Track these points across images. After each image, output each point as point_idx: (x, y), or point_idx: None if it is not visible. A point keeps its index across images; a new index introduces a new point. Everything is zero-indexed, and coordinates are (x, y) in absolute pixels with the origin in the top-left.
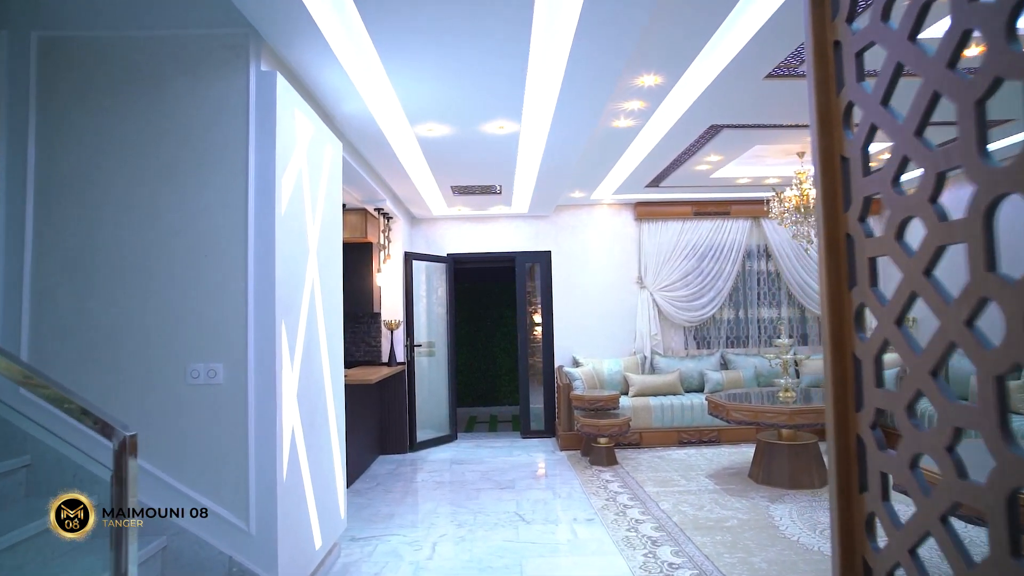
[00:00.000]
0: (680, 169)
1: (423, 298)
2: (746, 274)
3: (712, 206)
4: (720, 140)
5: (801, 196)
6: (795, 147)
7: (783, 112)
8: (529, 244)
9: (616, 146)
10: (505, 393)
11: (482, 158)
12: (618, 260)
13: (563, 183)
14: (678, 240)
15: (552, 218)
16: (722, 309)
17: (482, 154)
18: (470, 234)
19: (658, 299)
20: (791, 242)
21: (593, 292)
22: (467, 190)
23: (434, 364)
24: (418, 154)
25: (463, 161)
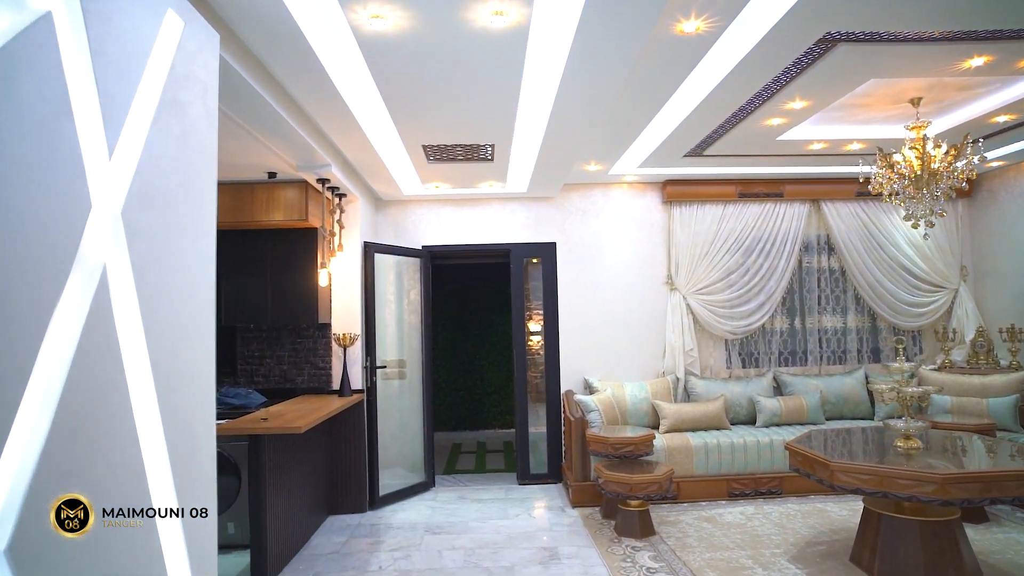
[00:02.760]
0: (740, 127)
1: (390, 303)
2: (803, 273)
3: (760, 185)
4: (821, 70)
5: (919, 160)
6: (910, 90)
7: (945, 9)
8: (528, 234)
9: (672, 73)
10: (495, 415)
11: (466, 84)
12: (642, 254)
13: (583, 142)
14: (718, 229)
15: (558, 201)
16: (773, 318)
17: (466, 75)
18: (452, 221)
19: (693, 304)
20: (859, 230)
21: (610, 295)
22: (446, 153)
23: (405, 390)
24: (363, 73)
25: (437, 89)
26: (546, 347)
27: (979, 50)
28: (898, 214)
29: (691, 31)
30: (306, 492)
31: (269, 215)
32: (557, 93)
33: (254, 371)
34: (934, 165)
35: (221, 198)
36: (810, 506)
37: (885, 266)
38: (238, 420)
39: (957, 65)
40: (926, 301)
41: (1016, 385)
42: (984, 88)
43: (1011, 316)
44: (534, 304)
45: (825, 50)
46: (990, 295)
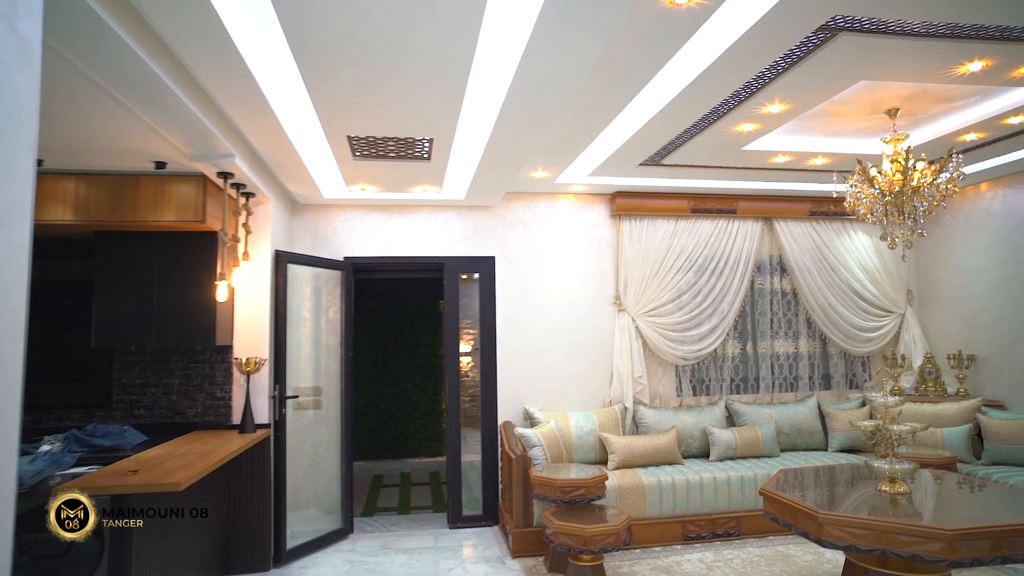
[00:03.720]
0: (707, 132)
1: (306, 321)
2: (755, 295)
3: (714, 200)
4: (813, 65)
5: (901, 175)
6: (890, 99)
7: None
8: (465, 247)
9: (647, 60)
10: (421, 442)
11: (407, 60)
12: (589, 272)
13: (536, 142)
14: (670, 246)
15: (498, 211)
16: (725, 342)
17: (407, 49)
18: (380, 229)
19: (643, 327)
20: (811, 251)
21: (554, 316)
22: (376, 148)
23: (321, 421)
24: (277, 37)
25: (370, 65)
26: (483, 373)
27: (981, 52)
28: (853, 235)
29: (681, 2)
30: (191, 551)
31: (157, 214)
32: (513, 78)
33: (135, 403)
34: (915, 180)
35: (96, 191)
36: (772, 550)
37: (837, 289)
38: (97, 474)
39: (953, 70)
40: (875, 326)
41: (968, 414)
42: (963, 101)
43: (956, 342)
44: (469, 324)
45: (824, 40)
46: (935, 320)
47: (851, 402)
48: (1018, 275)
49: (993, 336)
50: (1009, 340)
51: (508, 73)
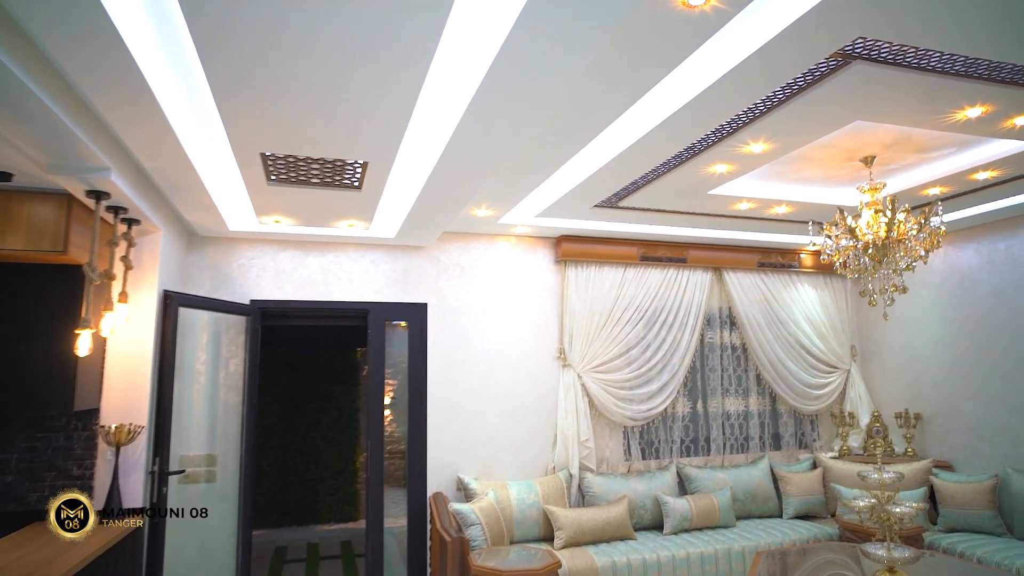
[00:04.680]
0: (677, 172)
1: (200, 376)
2: (706, 349)
3: (664, 248)
4: (814, 98)
5: (886, 225)
6: (870, 146)
7: (991, 36)
8: (394, 291)
9: (631, 85)
10: (331, 506)
11: (345, 62)
12: (531, 322)
13: (488, 175)
14: (618, 295)
15: (433, 253)
16: (675, 401)
17: (348, 48)
18: (296, 269)
19: (590, 384)
20: (760, 304)
21: (492, 371)
22: (297, 171)
23: (214, 497)
24: (175, 16)
25: (295, 64)
26: (411, 435)
27: (985, 95)
28: (799, 288)
29: (696, 4)
30: None
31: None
32: (473, 98)
33: None
34: (899, 231)
35: None
36: None
37: (786, 344)
38: None
39: (951, 115)
40: (823, 382)
41: (922, 476)
42: (938, 152)
43: (901, 399)
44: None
45: (835, 68)
46: (879, 377)
47: (802, 463)
48: (961, 333)
49: (938, 395)
50: (954, 399)
51: (468, 91)
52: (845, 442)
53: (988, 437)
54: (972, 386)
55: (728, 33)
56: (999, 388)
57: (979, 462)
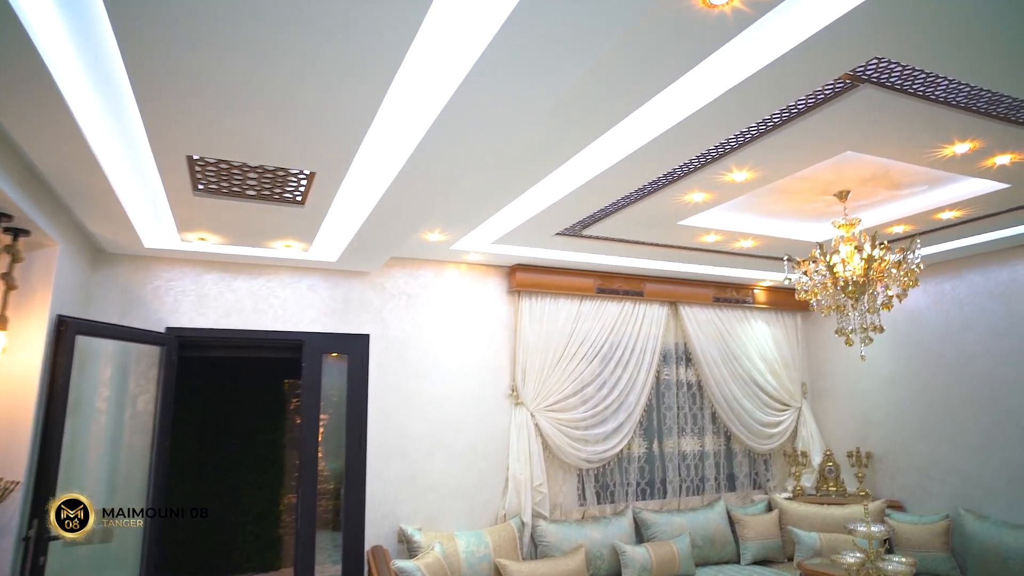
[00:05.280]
0: (651, 199)
1: (100, 415)
2: (661, 387)
3: (621, 280)
4: (812, 124)
5: (864, 262)
6: (846, 180)
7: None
8: (333, 321)
9: (620, 101)
10: (251, 553)
11: (306, 46)
12: (482, 357)
13: (450, 194)
14: (574, 329)
15: (377, 279)
16: (631, 441)
17: (310, 29)
18: (221, 294)
19: (543, 424)
20: (716, 339)
21: (439, 410)
22: (230, 179)
23: (110, 561)
24: None
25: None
26: (348, 480)
27: (977, 130)
28: (753, 324)
29: (718, 3)
30: None
31: None
32: (447, 105)
33: None
34: (876, 267)
35: None
36: None
37: (741, 381)
38: None
39: (939, 149)
40: (776, 420)
41: (877, 517)
42: (910, 190)
43: (851, 438)
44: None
45: (841, 91)
46: (829, 415)
47: (757, 505)
48: (910, 372)
49: (888, 434)
50: (904, 438)
51: (441, 98)
52: (798, 482)
53: (938, 477)
54: (921, 425)
55: (738, 45)
56: (948, 427)
57: (929, 502)
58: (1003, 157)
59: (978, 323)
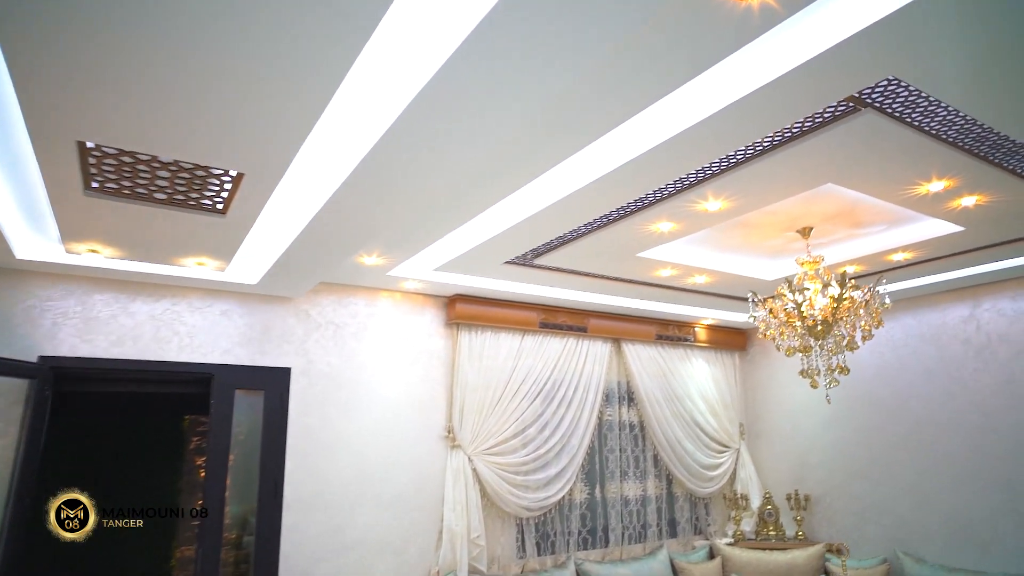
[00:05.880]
0: (615, 228)
1: None
2: (604, 428)
3: (565, 315)
4: (803, 151)
5: (833, 301)
6: (810, 216)
7: None
8: (248, 351)
9: (609, 109)
10: None
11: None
12: (416, 395)
13: (400, 211)
14: (515, 366)
15: (301, 306)
16: (574, 487)
17: None
18: (115, 318)
19: (481, 469)
20: (659, 378)
21: (367, 454)
22: (135, 174)
23: None
24: None
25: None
26: (259, 535)
27: (957, 168)
28: (694, 362)
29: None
30: None
31: None
32: (411, 104)
33: None
34: (844, 306)
35: None
36: None
37: (683, 421)
38: None
39: (916, 187)
40: (716, 463)
41: (818, 560)
42: (870, 229)
43: (788, 480)
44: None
45: (843, 114)
46: (766, 456)
47: (699, 552)
48: (845, 413)
49: (825, 475)
50: (841, 480)
51: (405, 95)
52: (738, 526)
53: (875, 519)
54: (858, 467)
55: (747, 53)
56: (884, 469)
57: (867, 545)
58: (970, 198)
59: (911, 365)
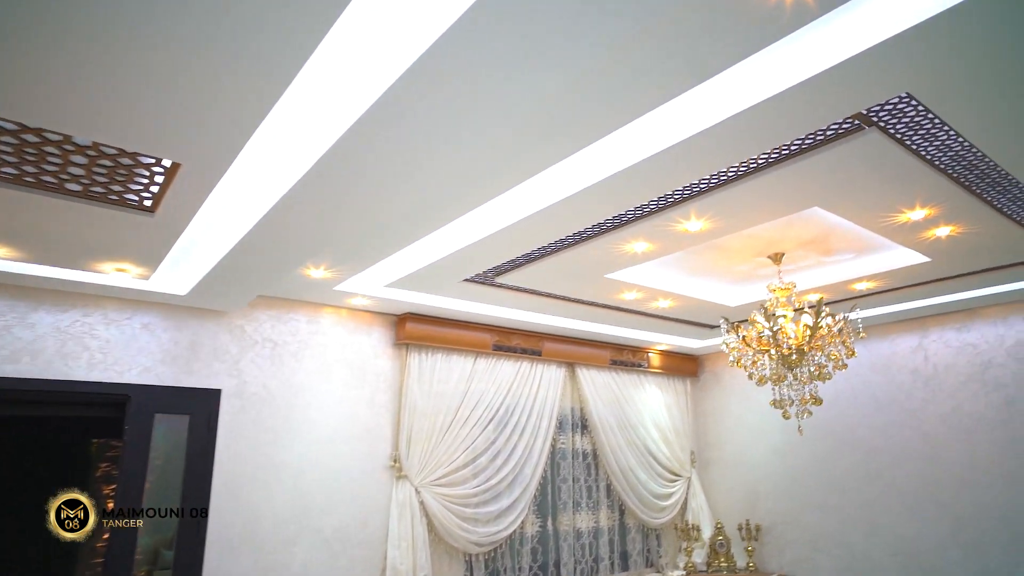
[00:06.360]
0: (586, 246)
1: None
2: (557, 456)
3: (519, 337)
4: (797, 170)
5: (806, 328)
6: (784, 241)
7: None
8: (172, 370)
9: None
10: None
11: None
12: (360, 421)
13: (358, 217)
14: (467, 390)
15: (235, 321)
16: (526, 520)
17: None
18: (7, 330)
19: (429, 502)
20: (612, 404)
21: (305, 486)
22: (37, 157)
23: None
24: None
25: None
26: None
27: (941, 197)
28: (647, 389)
29: None
30: None
31: None
32: (377, 102)
33: None
34: (819, 333)
35: None
36: None
37: (636, 449)
38: None
39: (897, 214)
40: (668, 492)
41: None
42: (838, 257)
43: (740, 510)
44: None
45: (846, 132)
46: (717, 485)
47: None
48: (797, 441)
49: (775, 505)
50: (792, 510)
51: (371, 92)
52: (690, 558)
53: (826, 549)
54: (809, 496)
55: (761, 59)
56: (835, 499)
57: (818, 575)
58: (945, 228)
59: (862, 394)
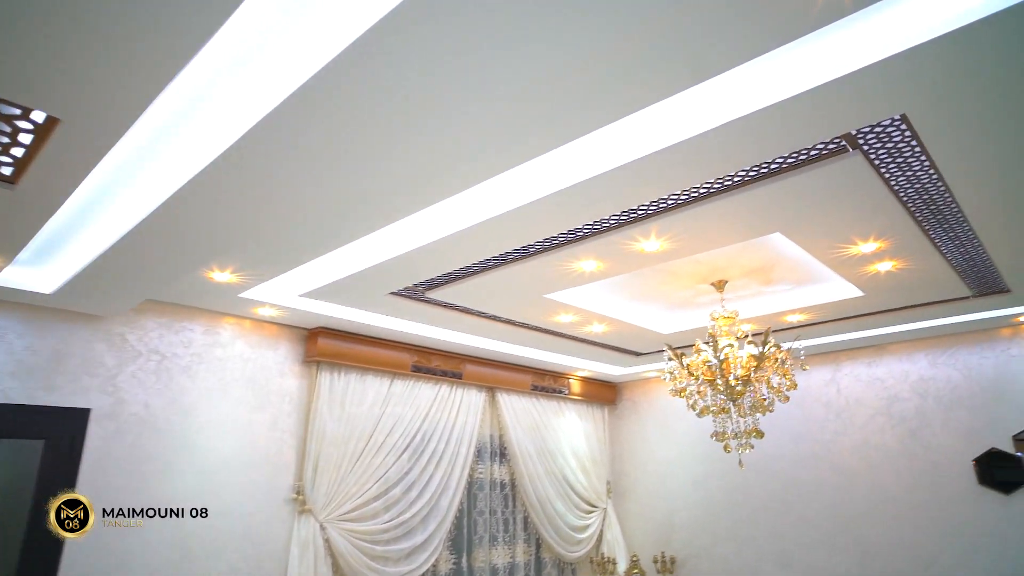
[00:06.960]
0: (532, 262)
1: None
2: (474, 487)
3: (440, 359)
4: (772, 191)
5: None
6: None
7: None
8: (26, 386)
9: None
10: None
11: None
12: (261, 448)
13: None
14: (382, 414)
15: (115, 328)
16: (439, 558)
17: None
18: None
19: (335, 539)
20: (532, 431)
21: (189, 524)
22: None
23: None
24: None
25: None
26: None
27: (896, 230)
28: (567, 416)
29: None
30: None
31: None
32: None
33: None
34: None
35: None
36: None
37: (555, 479)
38: None
39: (850, 245)
40: (585, 524)
41: None
42: (776, 288)
43: (655, 541)
44: None
45: (832, 154)
46: (632, 516)
47: None
48: (712, 472)
49: (691, 537)
50: (707, 542)
51: (292, 81)
52: None
53: None
54: (723, 528)
55: (752, 71)
56: (750, 531)
57: None
58: (887, 264)
59: (777, 426)
